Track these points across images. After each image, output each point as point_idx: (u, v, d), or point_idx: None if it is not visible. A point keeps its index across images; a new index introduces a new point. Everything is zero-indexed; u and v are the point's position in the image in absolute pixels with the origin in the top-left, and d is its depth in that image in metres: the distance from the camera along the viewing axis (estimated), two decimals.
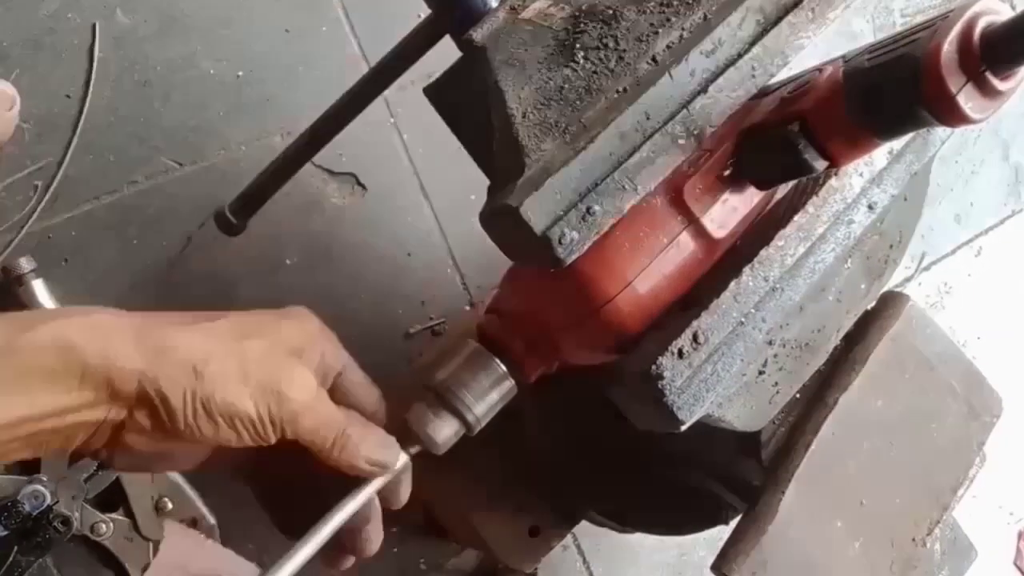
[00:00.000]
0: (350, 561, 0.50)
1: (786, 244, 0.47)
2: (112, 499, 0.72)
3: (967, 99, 0.37)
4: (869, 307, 0.59)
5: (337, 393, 0.49)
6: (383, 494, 0.49)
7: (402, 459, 0.48)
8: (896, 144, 0.50)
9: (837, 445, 0.56)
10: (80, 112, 0.76)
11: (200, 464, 0.47)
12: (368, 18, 0.88)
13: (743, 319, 0.45)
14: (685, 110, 0.40)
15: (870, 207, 0.49)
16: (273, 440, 0.43)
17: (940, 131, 0.51)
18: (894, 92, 0.39)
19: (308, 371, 0.44)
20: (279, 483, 0.49)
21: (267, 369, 0.42)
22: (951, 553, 0.61)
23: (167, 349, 0.39)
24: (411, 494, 0.51)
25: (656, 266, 0.45)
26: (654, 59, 0.42)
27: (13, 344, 0.36)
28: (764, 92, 0.49)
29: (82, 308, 0.39)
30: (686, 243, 0.46)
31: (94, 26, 0.77)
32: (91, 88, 0.76)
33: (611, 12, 0.45)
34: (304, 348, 0.46)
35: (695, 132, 0.40)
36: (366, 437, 0.46)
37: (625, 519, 0.75)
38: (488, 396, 0.51)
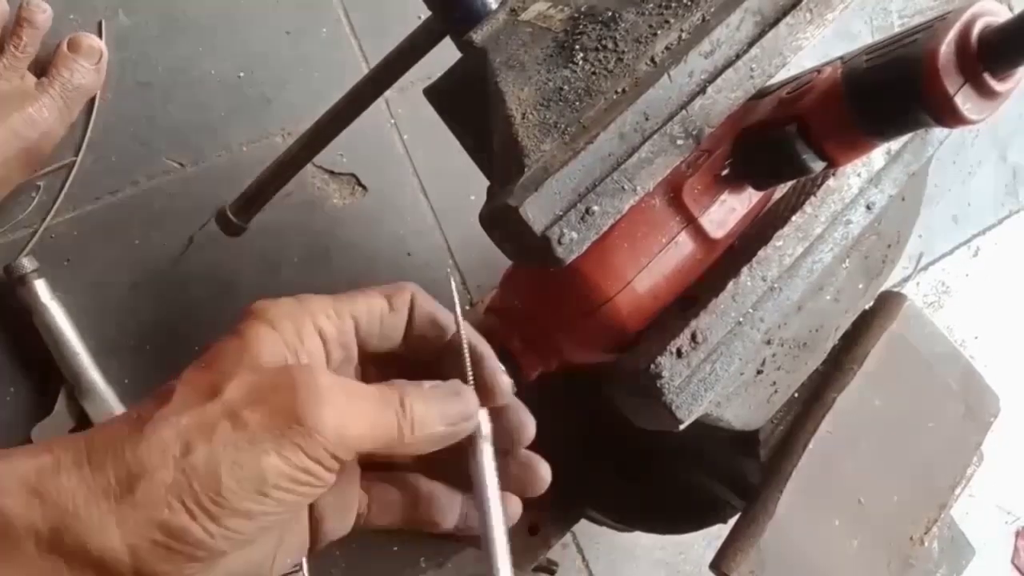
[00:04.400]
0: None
1: (784, 244, 0.47)
2: None
3: (965, 100, 0.37)
4: (867, 307, 0.59)
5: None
6: (506, 432, 0.40)
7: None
8: (894, 145, 0.50)
9: (835, 444, 0.56)
10: (89, 114, 0.77)
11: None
12: (368, 19, 0.89)
13: (741, 319, 0.46)
14: (684, 111, 0.40)
15: (868, 207, 0.50)
16: (332, 479, 0.33)
17: (938, 132, 0.51)
18: (892, 93, 0.39)
19: (320, 370, 0.34)
20: None
21: (269, 403, 0.32)
22: (949, 552, 0.61)
23: (136, 474, 0.30)
24: None
25: (655, 266, 0.46)
26: (653, 60, 0.42)
27: None
28: (762, 93, 0.49)
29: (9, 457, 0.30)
30: (684, 243, 0.46)
31: (100, 24, 0.78)
32: (97, 91, 0.77)
33: (610, 14, 0.45)
34: (294, 341, 0.35)
35: (694, 133, 0.40)
36: (427, 396, 0.36)
37: (625, 518, 0.75)
38: None
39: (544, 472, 0.43)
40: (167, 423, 0.31)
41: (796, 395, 0.57)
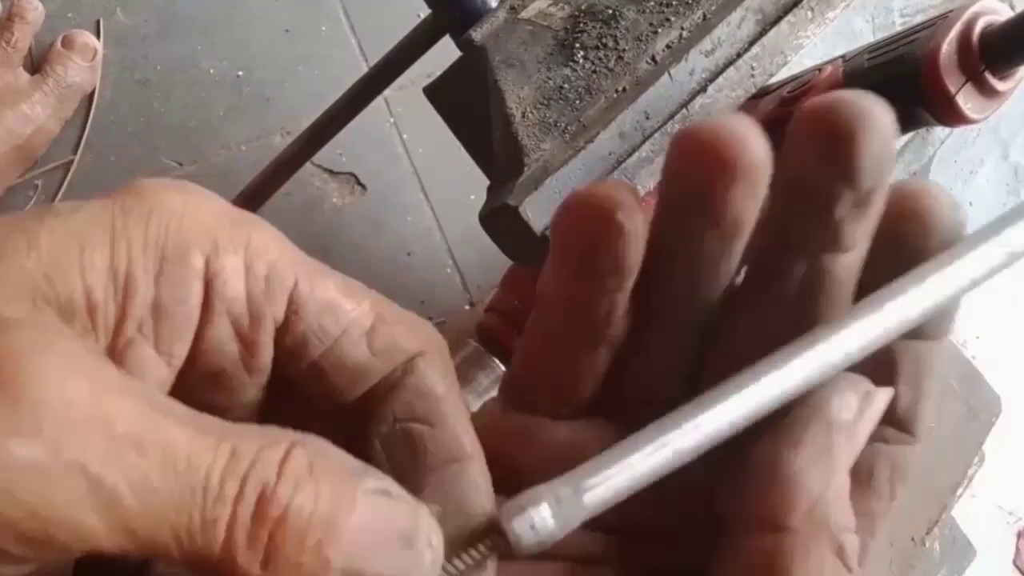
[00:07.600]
0: None
1: None
2: None
3: (966, 99, 0.37)
4: None
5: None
6: None
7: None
8: (895, 144, 0.50)
9: None
10: (87, 115, 0.76)
11: None
12: (368, 18, 0.89)
13: None
14: (684, 109, 0.40)
15: None
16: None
17: (939, 131, 0.51)
18: (893, 92, 0.39)
19: (46, 346, 0.16)
20: None
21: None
22: (950, 552, 0.61)
23: None
24: None
25: None
26: (653, 59, 0.42)
27: None
28: (763, 92, 0.49)
29: None
30: None
31: (98, 23, 0.77)
32: (95, 89, 0.76)
33: (611, 12, 0.45)
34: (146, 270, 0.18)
35: None
36: (327, 467, 0.18)
37: None
38: (487, 396, 0.51)
39: None
40: None
41: None
